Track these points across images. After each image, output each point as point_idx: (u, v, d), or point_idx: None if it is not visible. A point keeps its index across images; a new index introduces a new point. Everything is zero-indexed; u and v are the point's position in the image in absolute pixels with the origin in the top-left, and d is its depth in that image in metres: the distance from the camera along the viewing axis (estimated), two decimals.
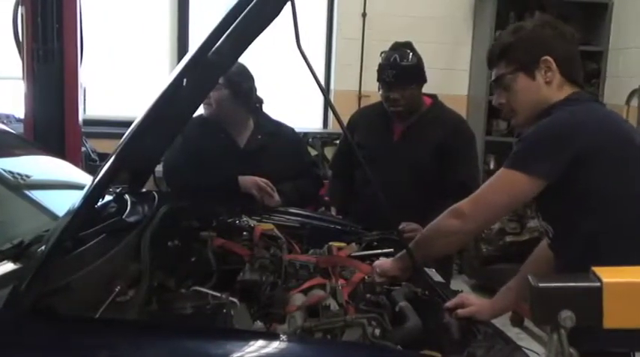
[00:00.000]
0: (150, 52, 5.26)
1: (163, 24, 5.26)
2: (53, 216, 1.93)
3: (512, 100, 1.89)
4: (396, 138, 2.89)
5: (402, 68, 2.76)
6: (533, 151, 1.73)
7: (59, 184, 2.42)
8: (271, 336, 1.60)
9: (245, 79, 2.89)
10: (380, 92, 2.87)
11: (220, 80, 2.68)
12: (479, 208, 1.80)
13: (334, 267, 2.11)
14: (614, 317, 0.90)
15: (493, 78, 1.95)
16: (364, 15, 5.09)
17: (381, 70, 2.81)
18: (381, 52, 2.87)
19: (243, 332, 1.63)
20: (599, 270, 0.92)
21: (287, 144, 3.03)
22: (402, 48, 2.82)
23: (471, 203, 1.81)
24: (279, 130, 3.05)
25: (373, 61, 2.91)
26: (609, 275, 0.90)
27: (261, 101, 3.03)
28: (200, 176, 2.79)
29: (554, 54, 1.83)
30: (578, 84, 1.88)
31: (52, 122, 3.04)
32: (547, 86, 1.83)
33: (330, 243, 2.34)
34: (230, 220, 2.43)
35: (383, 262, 2.06)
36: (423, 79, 2.85)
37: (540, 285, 0.91)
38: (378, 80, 2.85)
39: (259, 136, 2.97)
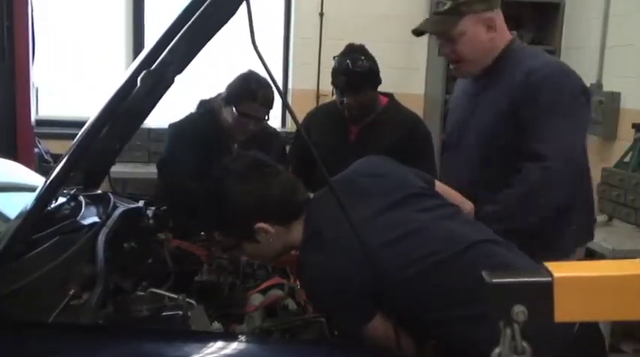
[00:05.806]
0: (104, 51, 5.17)
1: (118, 22, 5.17)
2: (4, 218, 1.89)
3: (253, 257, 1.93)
4: (353, 138, 2.91)
5: (354, 74, 2.76)
6: (347, 307, 1.56)
7: (11, 186, 2.37)
8: (230, 336, 1.59)
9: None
10: (334, 96, 2.89)
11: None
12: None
13: (292, 266, 2.11)
14: (566, 311, 0.91)
15: None
16: (322, 14, 5.09)
17: (334, 75, 2.82)
18: (334, 57, 2.87)
19: (201, 334, 1.62)
20: (550, 265, 0.93)
21: None
22: (354, 53, 2.81)
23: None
24: None
25: (331, 60, 2.91)
26: (560, 270, 0.92)
27: None
28: None
29: (265, 218, 1.65)
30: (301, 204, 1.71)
31: (4, 123, 2.98)
32: (275, 240, 1.67)
33: None
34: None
35: None
36: (376, 83, 2.86)
37: (494, 281, 0.92)
38: (332, 84, 2.87)
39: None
